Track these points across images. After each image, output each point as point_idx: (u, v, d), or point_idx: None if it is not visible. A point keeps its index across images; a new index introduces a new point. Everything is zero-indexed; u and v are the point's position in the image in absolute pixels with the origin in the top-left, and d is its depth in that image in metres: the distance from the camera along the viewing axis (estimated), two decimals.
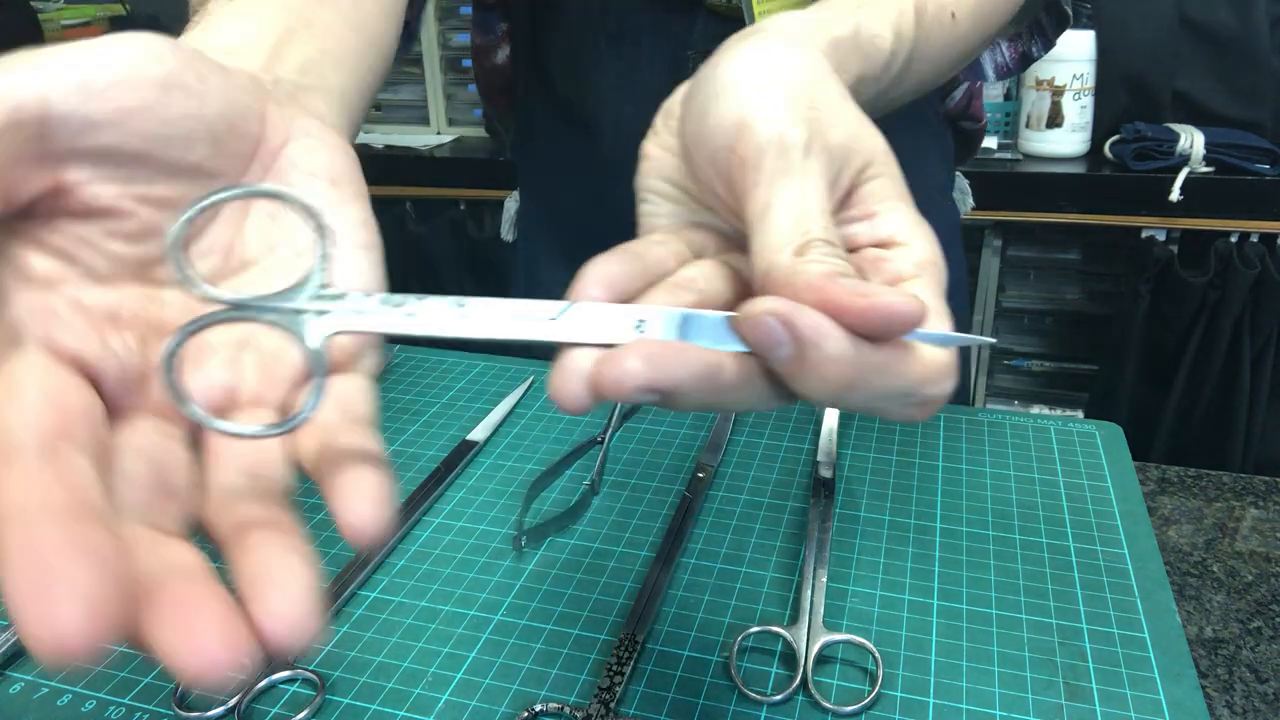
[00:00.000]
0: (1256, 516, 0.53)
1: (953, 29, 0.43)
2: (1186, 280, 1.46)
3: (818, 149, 0.28)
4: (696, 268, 0.29)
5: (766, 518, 0.52)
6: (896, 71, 0.38)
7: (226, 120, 0.26)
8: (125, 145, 0.23)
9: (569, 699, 0.40)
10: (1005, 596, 0.46)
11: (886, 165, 0.30)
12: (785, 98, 0.28)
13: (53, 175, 0.23)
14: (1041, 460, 0.57)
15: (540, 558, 0.49)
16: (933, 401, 0.26)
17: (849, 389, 0.24)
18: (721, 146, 0.28)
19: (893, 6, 0.38)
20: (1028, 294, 1.76)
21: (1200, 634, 0.45)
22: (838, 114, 0.29)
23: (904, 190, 0.30)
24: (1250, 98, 1.50)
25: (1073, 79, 1.52)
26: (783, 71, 0.29)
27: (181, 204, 0.24)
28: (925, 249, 0.29)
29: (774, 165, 0.27)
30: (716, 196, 0.30)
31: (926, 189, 0.69)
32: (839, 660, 0.42)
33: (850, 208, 0.29)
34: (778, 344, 0.24)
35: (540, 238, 0.75)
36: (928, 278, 0.28)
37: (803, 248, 0.26)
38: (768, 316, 0.24)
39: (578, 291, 0.26)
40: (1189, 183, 1.41)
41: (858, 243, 0.29)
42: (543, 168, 0.72)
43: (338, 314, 0.24)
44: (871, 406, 0.26)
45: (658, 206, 0.33)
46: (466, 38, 1.79)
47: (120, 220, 0.24)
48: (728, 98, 0.29)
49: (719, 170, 0.29)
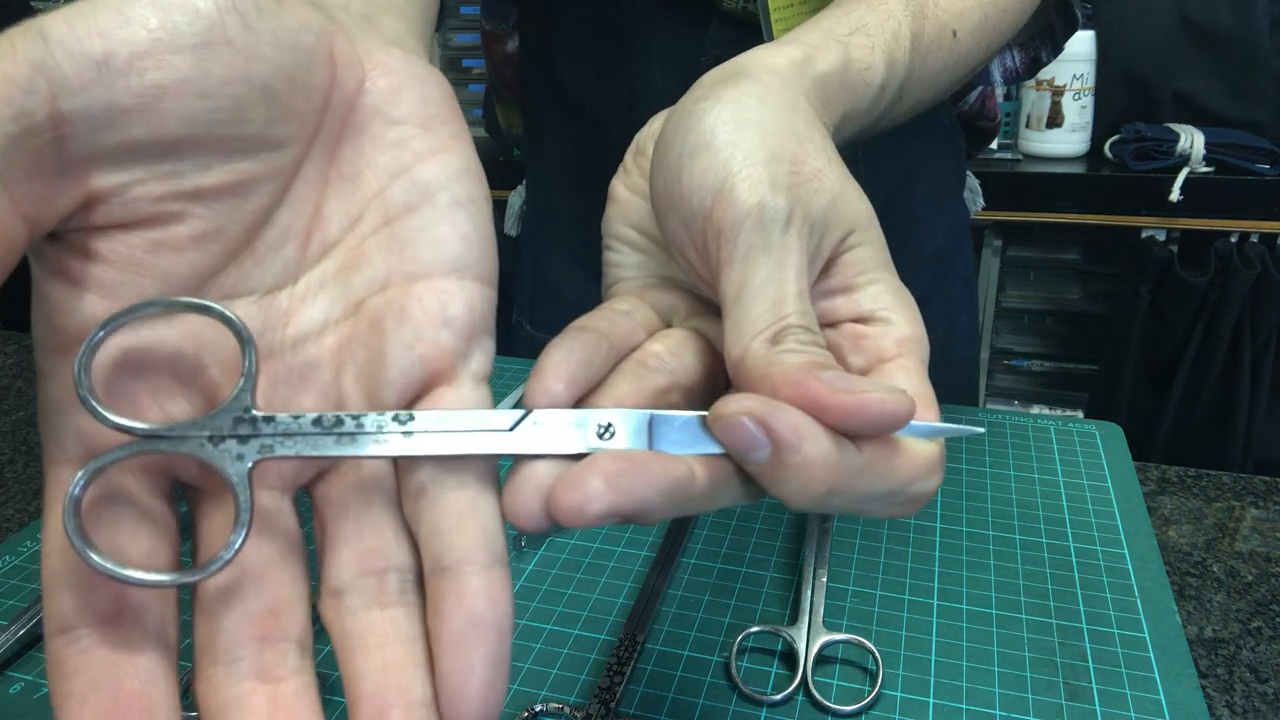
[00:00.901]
0: (1256, 516, 0.53)
1: (953, 48, 0.41)
2: (1186, 280, 1.46)
3: (798, 220, 0.26)
4: (664, 341, 0.27)
5: (766, 518, 0.52)
6: (888, 102, 0.36)
7: (285, 73, 0.21)
8: (161, 133, 0.19)
9: (569, 699, 0.40)
10: (1005, 596, 0.46)
11: (868, 232, 0.28)
12: (767, 159, 0.26)
13: (80, 186, 0.19)
14: (1041, 460, 0.57)
15: (540, 558, 0.49)
16: (921, 498, 0.25)
17: (831, 493, 0.23)
18: (697, 211, 0.26)
19: (887, 31, 0.36)
20: (1028, 294, 1.76)
21: (1200, 634, 0.45)
22: (821, 176, 0.27)
23: (886, 259, 0.28)
24: (1250, 98, 1.50)
25: (1073, 79, 1.52)
26: (765, 127, 0.27)
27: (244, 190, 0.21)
28: (907, 325, 0.27)
29: (751, 240, 0.25)
30: (686, 259, 0.28)
31: (937, 191, 0.69)
32: (839, 660, 0.42)
33: (830, 277, 0.28)
34: (754, 447, 0.22)
35: (547, 234, 0.74)
36: (910, 357, 0.27)
37: (779, 335, 0.24)
38: (743, 418, 0.22)
39: (537, 386, 0.24)
40: (1189, 183, 1.41)
41: (837, 317, 0.28)
42: (551, 165, 0.72)
43: (262, 439, 0.21)
44: (858, 509, 0.24)
45: (625, 256, 0.31)
46: (466, 38, 1.79)
47: (169, 227, 0.20)
48: (706, 156, 0.26)
49: (692, 235, 0.27)
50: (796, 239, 0.25)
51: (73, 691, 0.19)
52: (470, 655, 0.21)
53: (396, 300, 0.23)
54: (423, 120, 0.24)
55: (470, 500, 0.22)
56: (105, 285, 0.20)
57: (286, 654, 0.21)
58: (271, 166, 0.22)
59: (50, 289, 0.20)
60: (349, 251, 0.23)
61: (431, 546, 0.22)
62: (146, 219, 0.20)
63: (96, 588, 0.20)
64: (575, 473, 0.22)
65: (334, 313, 0.23)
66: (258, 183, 0.22)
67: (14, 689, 0.41)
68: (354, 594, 0.22)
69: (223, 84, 0.20)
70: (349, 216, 0.23)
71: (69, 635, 0.20)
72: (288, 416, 0.21)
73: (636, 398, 0.25)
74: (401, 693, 0.21)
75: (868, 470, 0.23)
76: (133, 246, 0.20)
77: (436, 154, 0.24)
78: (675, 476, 0.22)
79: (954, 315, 0.72)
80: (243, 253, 0.22)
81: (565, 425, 0.23)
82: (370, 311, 0.23)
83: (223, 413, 0.21)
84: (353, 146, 0.23)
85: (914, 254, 0.66)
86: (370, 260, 0.23)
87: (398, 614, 0.22)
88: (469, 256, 0.24)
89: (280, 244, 0.23)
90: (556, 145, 0.70)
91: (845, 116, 0.33)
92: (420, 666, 0.21)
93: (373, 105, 0.23)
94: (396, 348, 0.23)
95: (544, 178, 0.74)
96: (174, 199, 0.20)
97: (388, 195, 0.23)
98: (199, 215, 0.21)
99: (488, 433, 0.22)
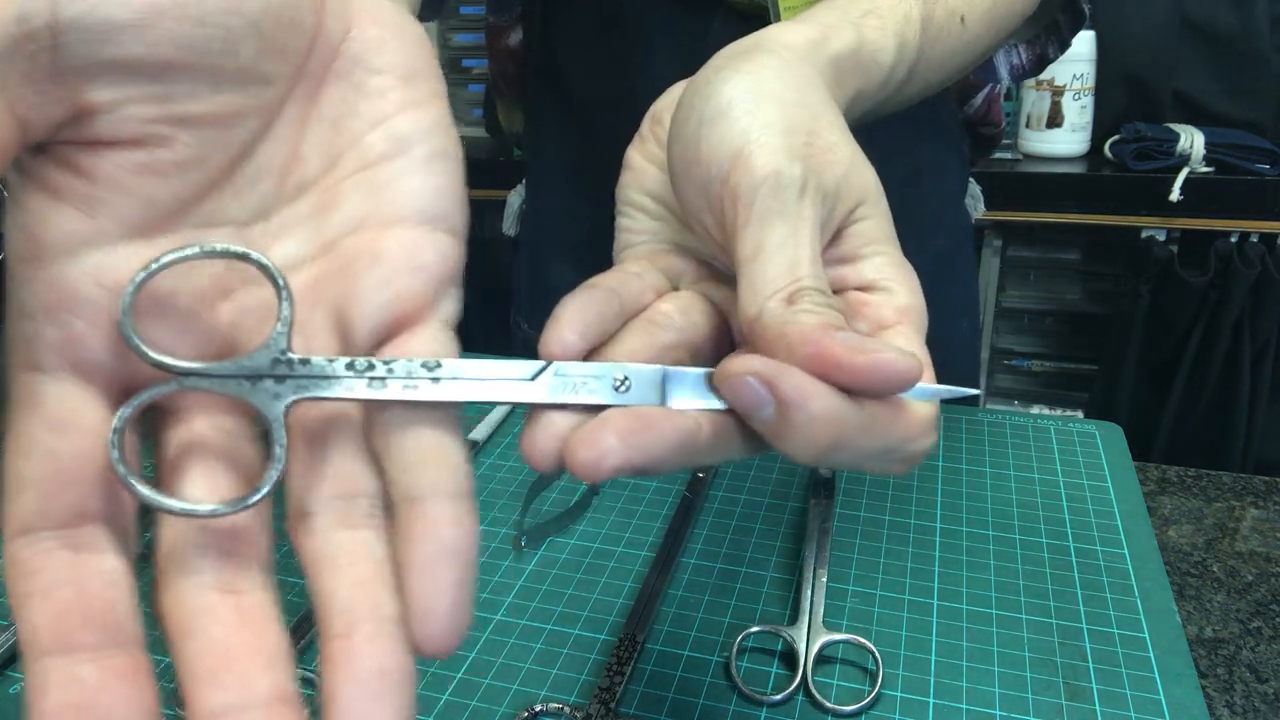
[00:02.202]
0: (1256, 516, 0.53)
1: (961, 34, 0.42)
2: (1186, 280, 1.46)
3: (812, 189, 0.27)
4: (673, 301, 0.29)
5: (766, 518, 0.52)
6: (898, 82, 0.37)
7: (274, 12, 0.22)
8: (155, 54, 0.20)
9: (569, 699, 0.40)
10: (1005, 596, 0.46)
11: (876, 205, 0.29)
12: (784, 129, 0.27)
13: (73, 97, 0.19)
14: (1041, 460, 0.57)
15: (540, 558, 0.49)
16: (916, 456, 0.26)
17: (834, 449, 0.24)
18: (714, 177, 0.27)
19: (899, 13, 0.37)
20: (1028, 294, 1.76)
21: (1200, 634, 0.45)
22: (834, 149, 0.28)
23: (890, 232, 0.29)
24: (1250, 98, 1.50)
25: (1073, 79, 1.52)
26: (783, 98, 0.28)
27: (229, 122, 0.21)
28: (908, 295, 0.28)
29: (767, 205, 0.26)
30: (702, 225, 0.29)
31: (943, 195, 0.69)
32: (839, 660, 0.42)
33: (837, 247, 0.29)
34: (759, 405, 0.23)
35: (546, 234, 0.74)
36: (909, 325, 0.28)
37: (794, 295, 0.25)
38: (749, 377, 0.23)
39: (553, 335, 0.25)
40: (1189, 183, 1.40)
41: (841, 285, 0.29)
42: (551, 165, 0.72)
43: (298, 380, 0.22)
44: (855, 464, 0.25)
45: (637, 222, 0.32)
46: (467, 38, 1.79)
47: (155, 150, 0.21)
48: (724, 124, 0.27)
49: (709, 200, 0.28)
50: (810, 206, 0.27)
51: (34, 590, 0.20)
52: (440, 580, 0.21)
53: (370, 243, 0.23)
54: (404, 73, 0.24)
55: (438, 438, 0.23)
56: (87, 201, 0.20)
57: (249, 569, 0.22)
58: (257, 101, 0.22)
59: (30, 199, 0.20)
60: (324, 193, 0.24)
61: (399, 479, 0.22)
62: (134, 139, 0.20)
63: (61, 492, 0.20)
64: (590, 429, 0.23)
65: (306, 251, 0.24)
66: (243, 116, 0.22)
67: (14, 689, 0.41)
68: (323, 515, 0.22)
69: (217, 13, 0.20)
70: (326, 159, 0.24)
71: (30, 537, 0.20)
72: (322, 360, 0.22)
73: (646, 352, 0.26)
74: (373, 607, 0.21)
75: (870, 428, 0.24)
76: (118, 165, 0.20)
77: (416, 107, 0.24)
78: (684, 432, 0.23)
79: (955, 320, 0.72)
80: (222, 184, 0.22)
81: (585, 377, 0.24)
82: (343, 252, 0.24)
83: (260, 354, 0.22)
84: (335, 91, 0.24)
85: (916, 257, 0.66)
86: (345, 203, 0.24)
87: (368, 535, 0.22)
88: (442, 208, 0.24)
89: (258, 179, 0.23)
90: (557, 144, 0.70)
91: (857, 95, 0.34)
92: (390, 586, 0.22)
93: (356, 53, 0.24)
94: (368, 289, 0.23)
95: (544, 177, 0.74)
96: (163, 122, 0.21)
97: (366, 142, 0.24)
98: (185, 142, 0.21)
99: (510, 381, 0.24)
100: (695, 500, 0.53)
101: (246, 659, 0.21)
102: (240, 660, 0.21)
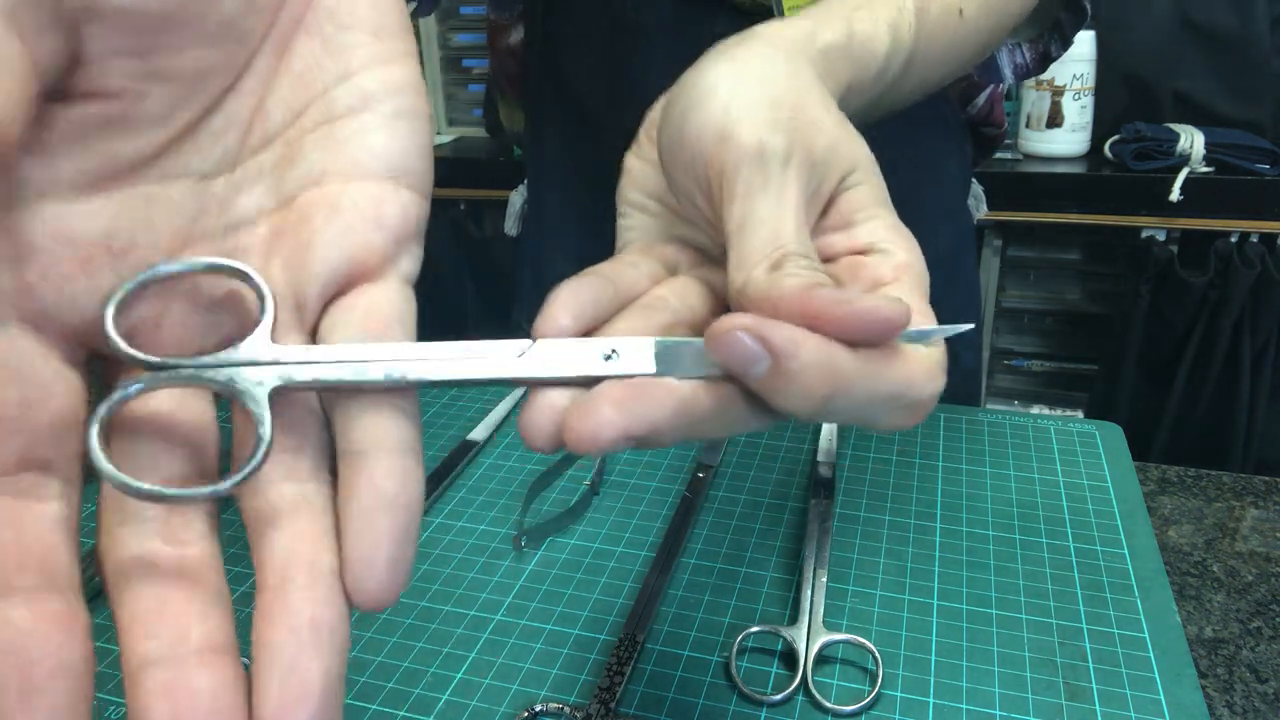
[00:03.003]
0: (1256, 516, 0.53)
1: (959, 27, 0.42)
2: (1186, 280, 1.46)
3: (798, 160, 0.27)
4: (669, 286, 0.29)
5: (766, 517, 0.52)
6: (894, 76, 0.37)
7: None
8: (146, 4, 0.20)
9: (569, 699, 0.40)
10: (1005, 596, 0.46)
11: (868, 173, 0.29)
12: (767, 105, 0.27)
13: (70, 45, 0.19)
14: (1041, 460, 0.57)
15: (540, 558, 0.49)
16: (924, 404, 0.25)
17: (832, 397, 0.23)
18: (700, 155, 0.28)
19: (892, 6, 0.37)
20: (1028, 294, 1.76)
21: (1200, 634, 0.45)
22: (821, 122, 0.28)
23: (884, 198, 0.29)
24: (1250, 98, 1.50)
25: (1073, 79, 1.52)
26: (767, 79, 0.28)
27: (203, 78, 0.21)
28: (904, 253, 0.28)
29: (751, 177, 0.26)
30: (695, 207, 0.29)
31: (945, 197, 0.69)
32: (839, 660, 0.42)
33: (829, 216, 0.29)
34: (752, 360, 0.23)
35: (548, 234, 0.74)
36: (907, 280, 0.27)
37: (778, 262, 0.25)
38: (739, 332, 0.23)
39: (546, 318, 0.25)
40: (1189, 183, 1.40)
41: (835, 251, 0.29)
42: (551, 164, 0.72)
43: (279, 366, 0.22)
44: (860, 416, 0.25)
45: (634, 220, 0.33)
46: (467, 38, 1.79)
47: (128, 103, 0.21)
48: (708, 104, 0.28)
49: (697, 179, 0.28)
50: (795, 176, 0.27)
51: None
52: (378, 531, 0.21)
53: (329, 196, 0.23)
54: (374, 30, 0.24)
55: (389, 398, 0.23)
56: (45, 151, 0.20)
57: (194, 521, 0.22)
58: (232, 57, 0.22)
59: None
60: (287, 146, 0.24)
61: (346, 434, 0.22)
62: (110, 92, 0.20)
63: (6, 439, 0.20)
64: (586, 402, 0.23)
65: (267, 203, 0.24)
66: (216, 72, 0.22)
67: None
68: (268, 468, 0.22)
69: None
70: (291, 112, 0.24)
71: None
72: (301, 348, 0.22)
73: (642, 333, 0.26)
74: (310, 560, 0.21)
75: (867, 373, 0.23)
76: (87, 118, 0.20)
77: (384, 64, 0.24)
78: (682, 399, 0.23)
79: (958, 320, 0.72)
80: (185, 138, 0.22)
81: (571, 349, 0.24)
82: (302, 205, 0.24)
83: (240, 344, 0.22)
84: (303, 44, 0.24)
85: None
86: (307, 156, 0.24)
87: (310, 489, 0.22)
88: (406, 165, 0.24)
89: (223, 132, 0.23)
90: (557, 144, 0.70)
91: (850, 86, 0.34)
92: (329, 538, 0.22)
93: (328, 7, 0.24)
94: (325, 241, 0.23)
95: (544, 177, 0.74)
96: (143, 77, 0.20)
97: (331, 97, 0.24)
98: (158, 97, 0.21)
99: (497, 358, 0.24)
100: (695, 500, 0.53)
101: (182, 606, 0.20)
102: (175, 607, 0.20)
